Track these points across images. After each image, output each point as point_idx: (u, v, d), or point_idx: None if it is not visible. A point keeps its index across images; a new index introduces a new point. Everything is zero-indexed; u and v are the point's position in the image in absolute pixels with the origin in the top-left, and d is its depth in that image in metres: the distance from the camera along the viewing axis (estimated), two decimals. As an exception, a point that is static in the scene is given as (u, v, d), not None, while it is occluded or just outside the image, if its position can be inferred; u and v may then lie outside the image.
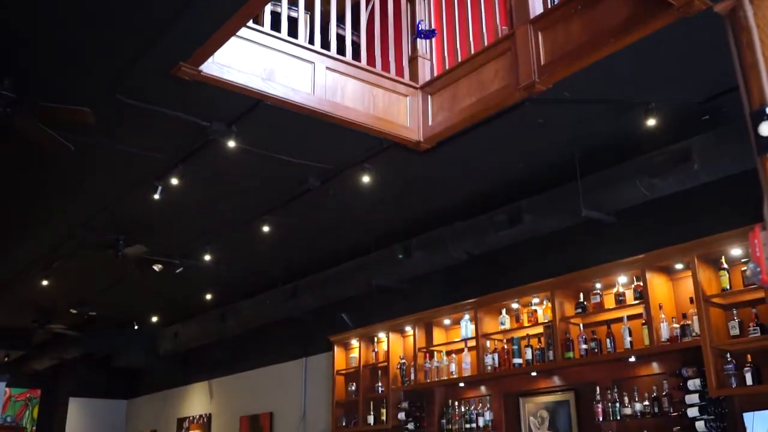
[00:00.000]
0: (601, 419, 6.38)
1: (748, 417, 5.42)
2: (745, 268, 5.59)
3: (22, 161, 6.67)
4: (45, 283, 9.82)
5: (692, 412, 5.66)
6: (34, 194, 7.49)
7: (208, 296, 10.99)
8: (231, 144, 5.90)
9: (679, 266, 6.12)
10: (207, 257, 8.80)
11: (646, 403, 6.15)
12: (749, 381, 5.41)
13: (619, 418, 6.28)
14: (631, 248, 6.41)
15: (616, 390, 6.38)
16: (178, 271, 9.23)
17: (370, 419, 8.65)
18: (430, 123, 6.10)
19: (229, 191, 7.38)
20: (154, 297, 11.40)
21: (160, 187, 6.76)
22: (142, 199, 7.14)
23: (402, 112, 6.12)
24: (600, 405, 6.42)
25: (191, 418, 13.23)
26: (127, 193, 7.25)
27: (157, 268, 9.10)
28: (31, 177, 7.07)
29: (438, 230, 7.75)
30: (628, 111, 5.65)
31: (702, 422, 5.58)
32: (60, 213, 7.96)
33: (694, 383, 5.71)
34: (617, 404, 6.31)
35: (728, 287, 5.72)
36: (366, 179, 6.59)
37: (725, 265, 5.76)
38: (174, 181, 6.63)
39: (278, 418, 10.93)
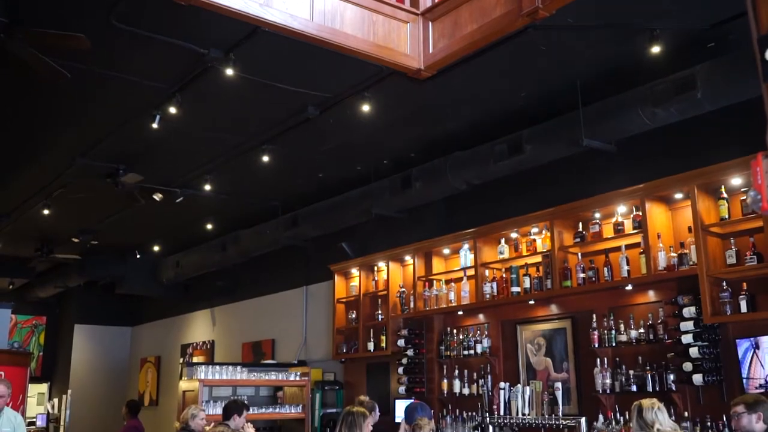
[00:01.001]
0: (596, 346, 6.50)
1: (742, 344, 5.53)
2: (744, 197, 5.59)
3: (20, 90, 6.60)
4: (46, 212, 9.86)
5: (686, 338, 5.76)
6: (32, 124, 7.44)
7: (209, 226, 11.05)
8: (229, 72, 5.82)
9: (678, 196, 6.13)
10: (207, 187, 8.81)
11: (642, 330, 6.26)
12: (744, 308, 5.49)
13: (614, 344, 6.40)
14: (630, 178, 6.41)
15: (612, 318, 6.49)
16: (178, 200, 9.26)
17: (370, 346, 8.82)
18: (430, 50, 6.00)
19: (228, 120, 7.33)
20: (156, 226, 11.47)
21: (158, 116, 6.71)
22: (141, 129, 7.11)
23: (402, 39, 6.01)
24: (596, 332, 6.53)
25: (195, 344, 13.49)
26: (125, 122, 7.20)
27: (157, 197, 9.12)
28: (30, 106, 7.01)
29: (438, 160, 7.73)
30: (633, 38, 5.55)
31: (696, 348, 5.69)
32: (59, 142, 7.93)
33: (689, 311, 5.79)
34: (613, 331, 6.42)
35: (727, 216, 5.75)
36: (366, 108, 6.53)
37: (725, 195, 5.78)
38: (172, 110, 6.58)
39: (280, 345, 11.14)
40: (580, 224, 6.84)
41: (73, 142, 7.88)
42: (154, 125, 6.76)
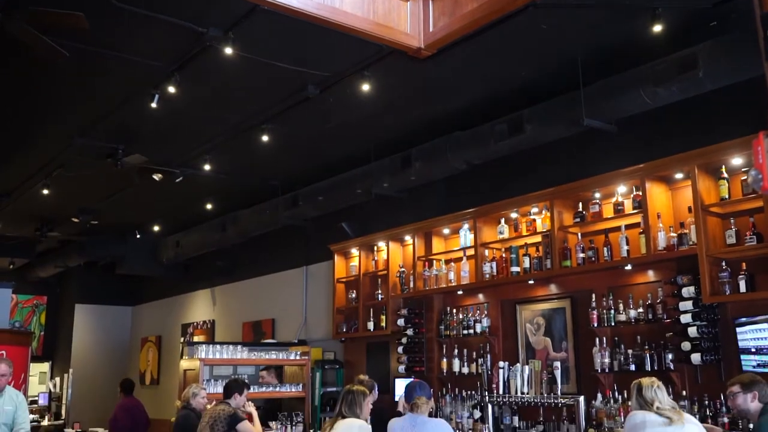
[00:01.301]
0: (595, 325, 6.53)
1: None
2: (745, 177, 5.59)
3: (19, 70, 6.56)
4: (46, 192, 9.85)
5: (685, 318, 5.78)
6: (31, 103, 7.41)
7: (209, 206, 11.05)
8: (228, 51, 5.79)
9: (678, 176, 6.13)
10: (207, 166, 8.79)
11: (641, 310, 6.28)
12: (743, 288, 5.51)
13: (613, 324, 6.43)
14: (631, 158, 6.40)
15: (611, 297, 6.51)
16: (178, 180, 9.24)
17: (370, 325, 8.85)
18: (431, 29, 5.95)
19: (227, 100, 7.30)
20: (155, 206, 11.47)
21: (157, 96, 6.68)
22: (141, 108, 7.08)
23: (402, 18, 5.97)
24: (595, 312, 6.55)
25: (195, 323, 13.54)
26: (124, 101, 7.18)
27: (156, 177, 9.10)
28: (28, 86, 6.97)
29: (438, 139, 7.71)
30: (634, 16, 5.52)
31: (694, 328, 5.71)
32: (58, 122, 7.89)
33: (688, 290, 5.81)
34: (612, 311, 6.44)
35: (727, 196, 5.74)
36: (366, 87, 6.50)
37: (725, 175, 5.77)
38: (171, 90, 6.54)
39: (280, 324, 11.19)
40: (580, 204, 6.84)
41: (72, 121, 7.84)
42: (153, 104, 6.73)
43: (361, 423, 5.04)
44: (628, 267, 6.40)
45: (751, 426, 4.64)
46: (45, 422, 13.08)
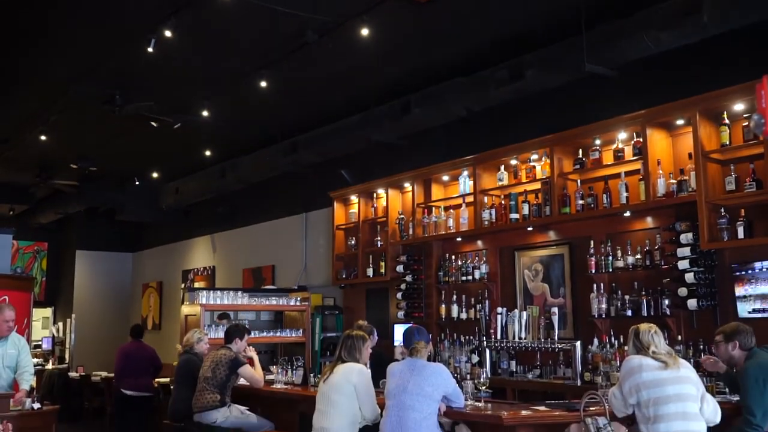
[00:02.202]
0: (593, 271, 6.57)
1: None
2: (747, 123, 5.55)
3: (12, 12, 6.46)
4: (43, 138, 9.80)
5: (683, 264, 5.82)
6: (26, 49, 7.31)
7: (208, 152, 11.00)
8: (225, -7, 5.70)
9: (679, 122, 6.09)
10: (205, 113, 8.72)
11: (638, 256, 6.31)
12: (741, 235, 5.53)
13: (611, 270, 6.47)
14: (632, 104, 6.35)
15: (609, 244, 6.54)
16: (176, 126, 9.18)
17: (369, 272, 8.91)
18: (431, -28, 5.86)
19: (225, 45, 7.20)
20: (154, 153, 11.42)
21: (153, 40, 6.59)
22: (137, 53, 6.98)
23: (402, -40, 5.86)
24: (593, 258, 6.59)
25: (196, 270, 13.63)
26: (120, 45, 7.08)
27: (154, 123, 9.03)
28: (23, 30, 6.88)
29: (438, 86, 7.63)
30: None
31: (691, 274, 5.75)
32: (54, 64, 7.80)
33: (686, 237, 5.83)
34: (610, 257, 6.48)
35: (728, 143, 5.72)
36: (365, 32, 6.41)
37: (726, 121, 5.73)
38: (168, 34, 6.45)
39: (280, 271, 11.26)
40: (580, 151, 6.81)
41: (67, 65, 7.75)
42: (150, 49, 6.64)
43: (361, 367, 5.11)
44: (627, 214, 6.41)
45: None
46: (49, 366, 13.31)
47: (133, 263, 16.25)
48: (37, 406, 6.20)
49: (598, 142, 6.65)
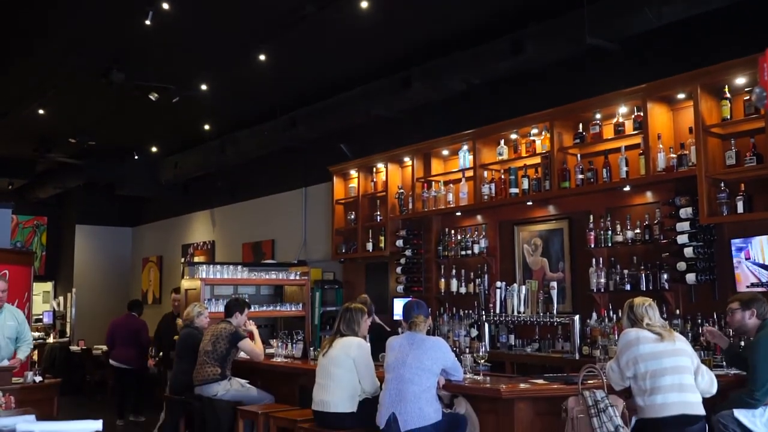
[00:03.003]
0: (592, 246, 6.58)
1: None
2: (748, 97, 5.52)
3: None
4: (41, 112, 9.75)
5: (682, 239, 5.83)
6: (22, 21, 7.25)
7: (207, 126, 10.95)
8: (223, -35, 5.64)
9: (681, 96, 6.05)
10: (203, 86, 8.67)
11: (638, 230, 6.32)
12: (740, 209, 5.52)
13: (610, 245, 6.48)
14: (633, 78, 6.31)
15: (609, 218, 6.54)
16: (174, 99, 9.12)
17: (369, 246, 8.92)
18: (431, -57, 5.79)
19: (223, 18, 7.13)
20: (153, 127, 11.38)
21: (151, 12, 6.53)
22: (135, 25, 6.92)
23: (402, -69, 5.79)
24: (593, 233, 6.59)
25: (195, 244, 13.65)
26: (117, 18, 7.02)
27: (152, 96, 8.98)
28: (20, 3, 6.81)
29: (438, 59, 7.57)
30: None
31: (690, 248, 5.76)
32: (50, 36, 7.73)
33: (686, 211, 5.83)
34: (609, 232, 6.48)
35: (729, 117, 5.69)
36: (364, 5, 6.36)
37: (728, 95, 5.70)
38: (165, 6, 6.40)
39: (279, 245, 11.27)
40: (581, 125, 6.78)
41: (64, 37, 7.69)
42: (148, 22, 6.59)
43: (360, 341, 5.14)
44: (627, 188, 6.41)
45: (748, 340, 4.78)
46: (50, 339, 13.40)
47: (133, 237, 16.27)
48: (39, 379, 6.26)
49: (598, 116, 6.63)
